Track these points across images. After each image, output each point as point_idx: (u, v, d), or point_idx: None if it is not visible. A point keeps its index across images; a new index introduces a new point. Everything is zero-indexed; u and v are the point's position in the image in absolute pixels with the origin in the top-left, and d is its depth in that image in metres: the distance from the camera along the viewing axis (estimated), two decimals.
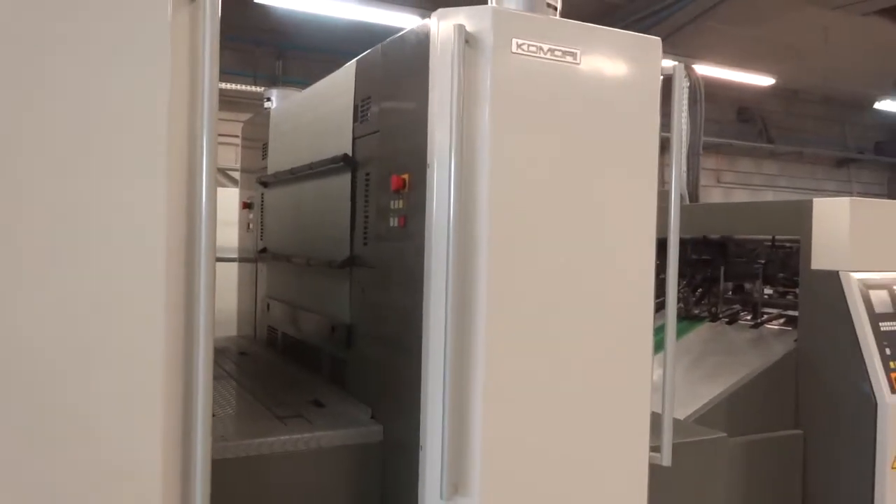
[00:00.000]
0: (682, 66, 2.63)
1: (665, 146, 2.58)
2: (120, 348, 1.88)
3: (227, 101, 8.42)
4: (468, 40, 2.27)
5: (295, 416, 2.72)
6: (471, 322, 2.27)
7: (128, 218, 1.88)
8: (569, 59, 2.38)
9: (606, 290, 2.47)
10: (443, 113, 2.32)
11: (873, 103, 12.32)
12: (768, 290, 4.84)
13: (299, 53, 8.85)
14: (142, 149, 1.89)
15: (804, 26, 9.26)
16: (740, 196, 12.47)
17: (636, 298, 2.53)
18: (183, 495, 2.00)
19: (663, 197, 2.62)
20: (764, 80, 10.62)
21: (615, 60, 2.47)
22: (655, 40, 2.57)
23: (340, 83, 3.16)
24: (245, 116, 5.19)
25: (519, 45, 2.30)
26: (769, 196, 12.73)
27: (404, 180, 2.56)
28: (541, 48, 2.34)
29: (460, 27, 2.23)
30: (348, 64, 3.13)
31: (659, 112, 2.57)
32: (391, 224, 2.64)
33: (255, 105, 5.88)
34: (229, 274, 5.16)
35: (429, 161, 2.40)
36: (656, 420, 2.63)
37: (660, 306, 2.69)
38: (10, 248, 1.79)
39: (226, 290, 5.22)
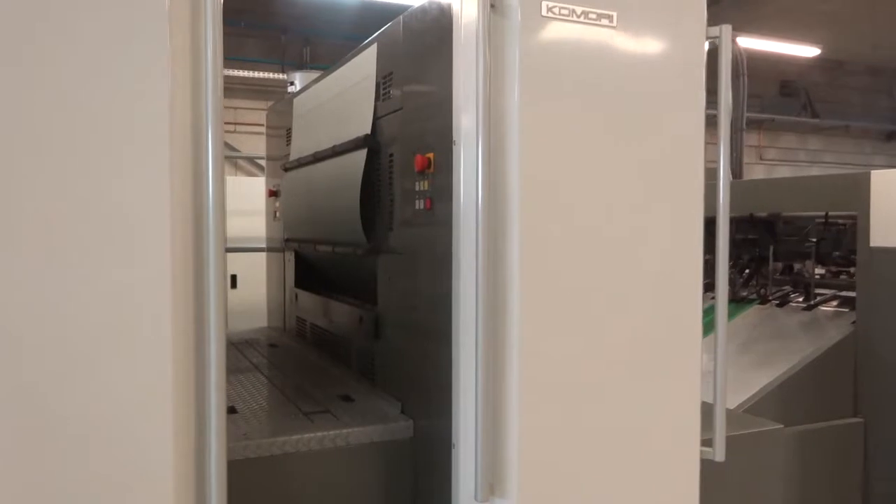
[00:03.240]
0: (729, 27, 2.41)
1: (709, 121, 2.37)
2: (126, 345, 1.75)
3: (255, 90, 8.34)
4: (493, 4, 2.08)
5: (322, 412, 2.59)
6: (504, 308, 2.10)
7: (129, 212, 1.74)
8: (604, 21, 2.19)
9: (650, 272, 2.27)
10: (468, 86, 2.15)
11: None
12: (820, 270, 4.59)
13: (327, 39, 8.71)
14: (141, 139, 1.75)
15: None
16: (783, 173, 12.06)
17: (683, 280, 2.34)
18: (198, 498, 1.87)
19: (709, 175, 2.41)
20: (809, 51, 10.19)
21: (655, 23, 2.27)
22: (700, 1, 2.36)
23: (362, 61, 3.00)
24: None
25: (549, 8, 2.11)
26: (814, 172, 12.28)
27: (429, 160, 2.39)
28: (573, 11, 2.14)
29: None
30: (369, 39, 2.96)
31: (704, 79, 2.37)
32: (417, 207, 2.48)
33: (283, 93, 5.76)
34: (260, 264, 5.07)
35: (454, 138, 2.24)
36: (706, 411, 2.43)
37: (706, 288, 2.49)
38: (7, 244, 1.66)
39: (257, 281, 5.13)
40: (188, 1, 1.83)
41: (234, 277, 6.88)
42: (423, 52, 2.50)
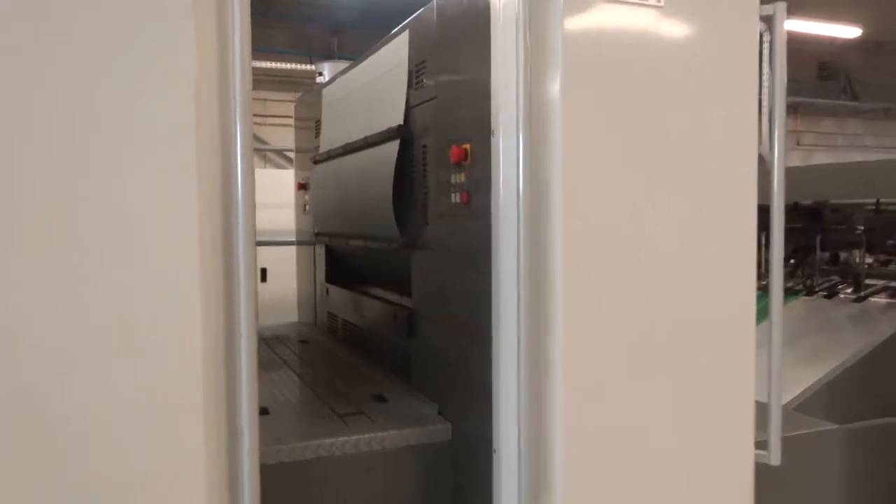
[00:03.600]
0: (784, 5, 2.27)
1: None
2: (155, 345, 1.68)
3: (282, 82, 8.30)
4: None
5: (356, 414, 2.50)
6: (546, 305, 1.99)
7: (157, 207, 1.67)
8: (651, 1, 2.06)
9: (700, 264, 2.15)
10: (508, 73, 2.03)
11: None
12: (868, 260, 4.40)
13: (354, 29, 8.62)
14: (168, 134, 1.67)
15: None
16: (822, 158, 11.74)
17: (735, 272, 2.21)
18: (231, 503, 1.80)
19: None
20: (849, 32, 9.88)
21: (705, 2, 2.13)
22: None
23: (393, 49, 2.89)
24: None
25: None
26: (854, 157, 11.93)
27: (466, 151, 2.28)
28: None
29: None
30: (400, 26, 2.85)
31: (757, 60, 2.23)
32: (453, 200, 2.37)
33: (312, 84, 5.68)
34: (290, 258, 5.00)
35: (493, 128, 2.12)
36: (759, 411, 2.31)
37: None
38: (32, 242, 1.59)
39: (286, 275, 5.07)
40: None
41: (263, 271, 6.84)
42: (458, 39, 2.39)
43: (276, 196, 6.11)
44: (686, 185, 2.13)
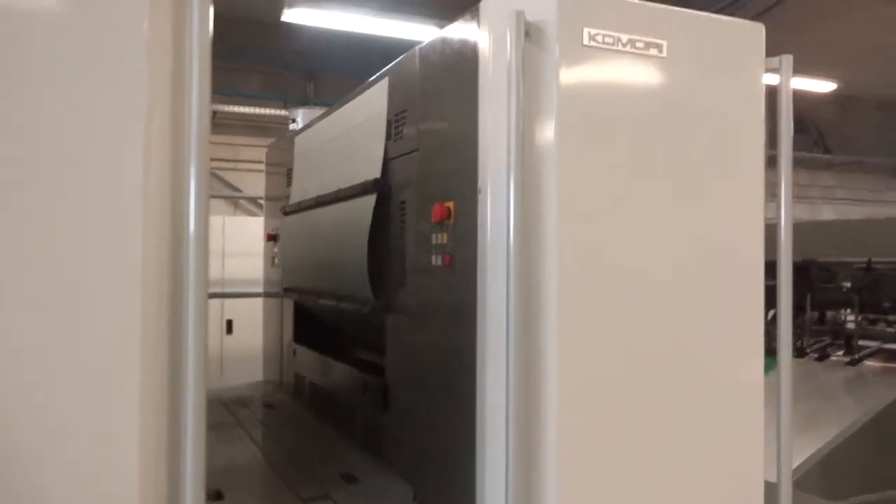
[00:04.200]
0: (790, 58, 2.12)
1: None
2: (89, 411, 1.42)
3: (256, 127, 8.10)
4: (528, 32, 1.79)
5: (322, 499, 2.24)
6: (539, 376, 1.79)
7: (93, 260, 1.43)
8: (653, 51, 1.90)
9: (706, 331, 1.96)
10: (498, 126, 1.85)
11: None
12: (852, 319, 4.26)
13: (331, 75, 8.48)
14: (110, 182, 1.44)
15: (864, 25, 8.63)
16: (796, 210, 11.74)
17: (742, 336, 2.03)
18: None
19: None
20: (825, 87, 9.98)
21: (710, 53, 1.98)
22: (758, 27, 2.08)
23: (371, 97, 2.71)
24: None
25: (592, 36, 1.82)
26: (827, 210, 12.00)
27: (449, 209, 2.08)
28: (619, 39, 1.85)
29: (519, 15, 1.76)
30: (379, 73, 2.67)
31: (763, 114, 2.07)
32: (434, 263, 2.17)
33: (285, 130, 5.50)
34: (259, 309, 4.73)
35: (480, 185, 1.93)
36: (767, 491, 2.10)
37: None
38: None
39: (255, 326, 4.79)
40: (169, 32, 1.52)
41: (229, 323, 6.56)
42: (442, 88, 2.21)
43: (246, 245, 5.85)
44: (691, 246, 1.95)
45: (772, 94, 2.12)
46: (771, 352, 2.11)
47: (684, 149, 1.94)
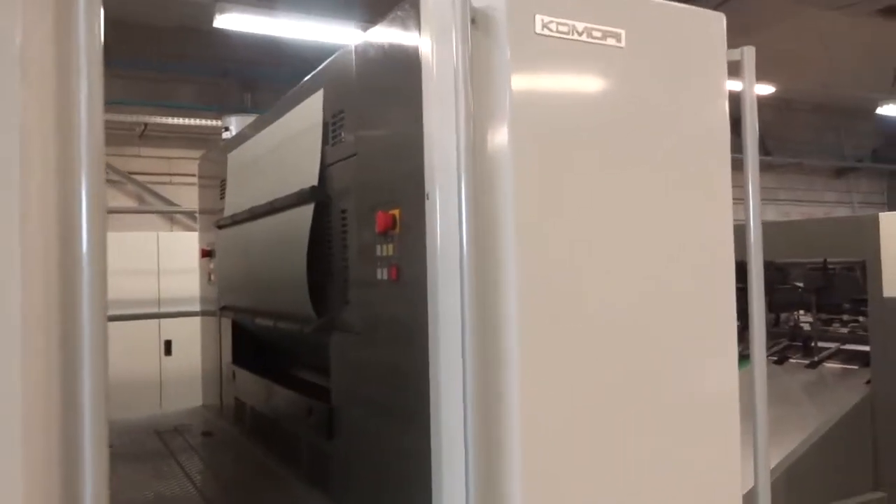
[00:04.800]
0: (752, 49, 2.00)
1: None
2: None
3: (193, 139, 7.77)
4: (475, 19, 1.62)
5: None
6: (500, 396, 1.62)
7: None
8: (611, 41, 1.75)
9: (674, 342, 1.82)
10: (445, 123, 1.67)
11: (872, 109, 11.86)
12: (808, 319, 4.21)
13: (269, 85, 8.20)
14: None
15: (803, 31, 8.77)
16: (737, 212, 11.86)
17: (715, 347, 1.89)
18: None
19: None
20: (763, 90, 10.11)
21: (670, 42, 1.84)
22: (719, 16, 1.95)
23: (304, 96, 2.50)
24: None
25: (546, 24, 1.66)
26: (770, 210, 12.16)
27: (394, 218, 1.90)
28: (574, 28, 1.70)
29: (465, 1, 1.59)
30: (314, 73, 2.47)
31: (727, 109, 1.95)
32: (379, 276, 1.97)
33: (220, 140, 5.23)
34: (198, 327, 4.46)
35: (427, 190, 1.75)
36: None
37: None
38: None
39: (194, 345, 4.51)
40: (52, 40, 1.29)
41: (168, 343, 6.24)
42: (381, 85, 2.02)
43: (184, 261, 5.57)
44: (660, 249, 1.80)
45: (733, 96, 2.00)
46: (742, 357, 1.99)
47: (647, 148, 1.80)
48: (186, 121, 7.52)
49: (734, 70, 1.98)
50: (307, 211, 2.33)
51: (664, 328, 1.81)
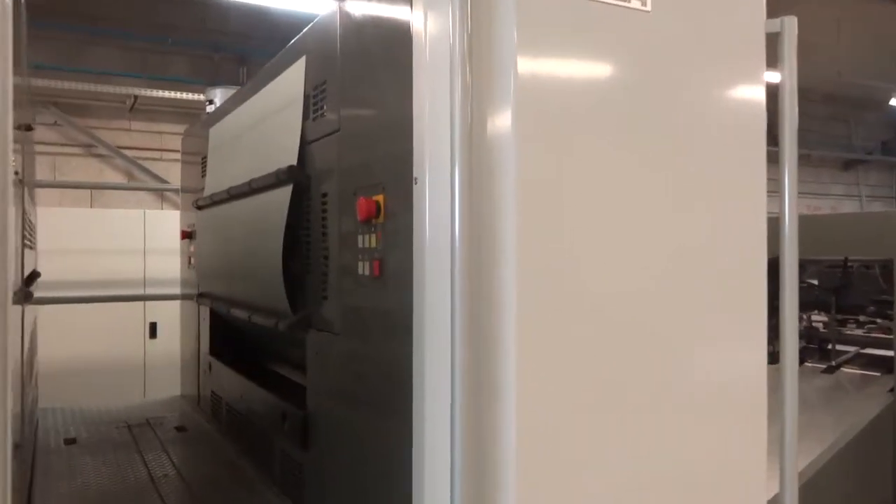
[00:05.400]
0: (794, 20, 1.75)
1: None
2: None
3: (184, 114, 7.50)
4: None
5: None
6: (494, 411, 1.39)
7: None
8: (635, 2, 1.49)
9: (697, 347, 1.59)
10: (437, 99, 1.43)
11: (884, 100, 11.58)
12: (821, 318, 3.98)
13: (265, 59, 7.94)
14: None
15: (815, 18, 8.49)
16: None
17: (744, 349, 1.66)
18: None
19: None
20: (771, 77, 9.85)
21: (701, 11, 1.59)
22: None
23: (284, 64, 2.25)
24: None
25: None
26: (773, 203, 11.82)
27: (377, 205, 1.65)
28: None
29: None
30: (295, 39, 2.22)
31: (764, 86, 1.70)
32: (360, 272, 1.73)
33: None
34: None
35: (416, 174, 1.51)
36: None
37: None
38: None
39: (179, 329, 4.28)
40: None
41: (153, 326, 6.01)
42: (367, 54, 1.77)
43: (171, 241, 5.32)
44: (684, 246, 1.56)
45: None
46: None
47: (672, 130, 1.55)
48: (178, 94, 7.24)
49: (771, 44, 1.73)
50: (285, 193, 2.08)
51: (684, 326, 1.57)
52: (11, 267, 1.17)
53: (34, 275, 3.07)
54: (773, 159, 1.72)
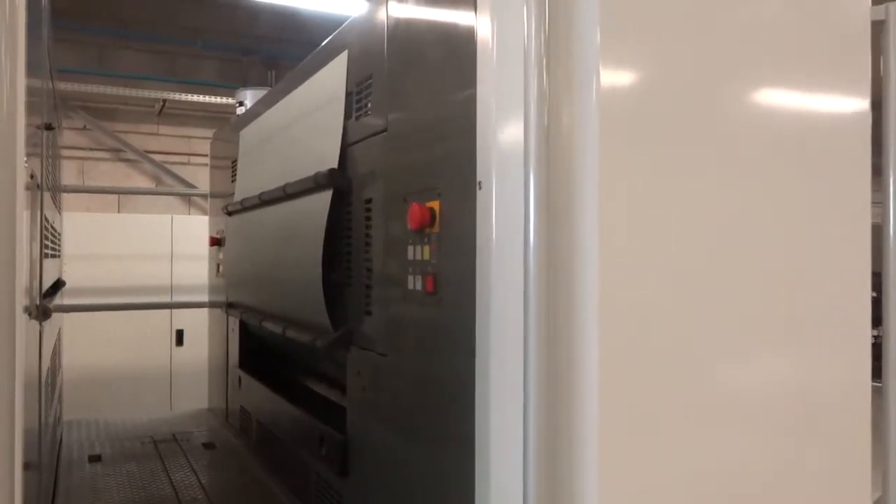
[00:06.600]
0: None
1: None
2: None
3: (212, 118, 7.40)
4: None
5: None
6: (572, 456, 1.19)
7: None
8: None
9: (795, 361, 1.39)
10: (506, 92, 1.25)
11: None
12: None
13: (295, 62, 7.83)
14: None
15: None
16: None
17: (847, 371, 1.46)
18: None
19: None
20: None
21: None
22: None
23: (325, 64, 2.09)
24: None
25: None
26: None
27: (432, 212, 1.48)
28: None
29: None
30: (336, 33, 2.06)
31: (870, 80, 1.50)
32: (411, 286, 1.56)
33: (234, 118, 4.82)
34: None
35: (479, 177, 1.33)
36: None
37: None
38: None
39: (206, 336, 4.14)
40: None
41: (180, 333, 5.88)
42: (420, 43, 1.60)
43: (199, 247, 5.18)
44: (781, 257, 1.37)
45: None
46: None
47: (773, 138, 1.36)
48: (206, 98, 7.14)
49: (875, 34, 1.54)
50: (324, 199, 1.92)
51: (785, 343, 1.39)
52: (22, 278, 1.02)
53: (58, 284, 2.94)
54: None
